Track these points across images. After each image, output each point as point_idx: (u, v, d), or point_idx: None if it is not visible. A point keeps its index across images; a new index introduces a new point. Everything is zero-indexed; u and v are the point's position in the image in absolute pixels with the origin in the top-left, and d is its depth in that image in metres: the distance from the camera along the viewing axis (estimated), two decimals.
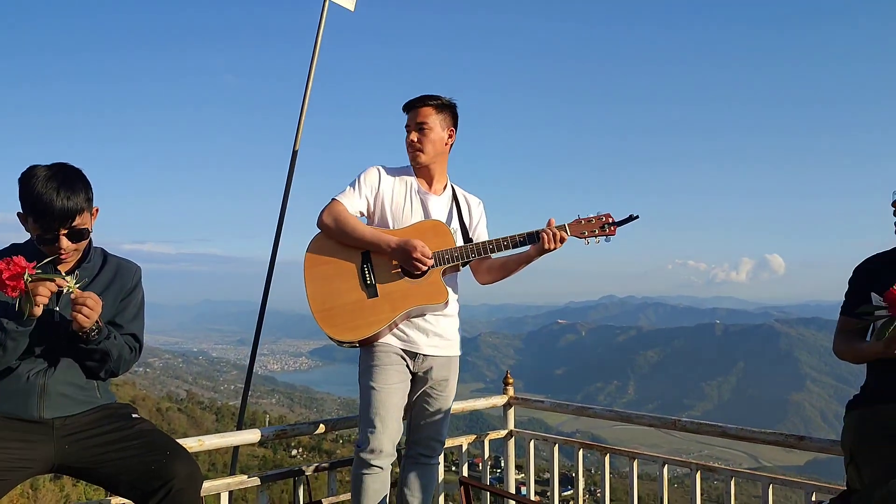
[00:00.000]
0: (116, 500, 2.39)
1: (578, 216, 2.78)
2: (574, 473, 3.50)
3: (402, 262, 2.70)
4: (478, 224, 3.00)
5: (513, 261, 2.86)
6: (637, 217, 2.79)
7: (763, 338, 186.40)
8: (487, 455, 3.64)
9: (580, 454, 3.46)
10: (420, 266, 2.67)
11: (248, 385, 3.96)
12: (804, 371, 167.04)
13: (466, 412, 3.58)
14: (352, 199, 2.78)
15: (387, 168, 2.89)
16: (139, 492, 2.06)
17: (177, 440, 2.29)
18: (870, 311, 2.06)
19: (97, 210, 2.17)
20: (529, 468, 3.66)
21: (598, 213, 2.78)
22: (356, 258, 2.75)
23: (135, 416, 2.26)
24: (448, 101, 2.88)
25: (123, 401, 2.39)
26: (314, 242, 2.79)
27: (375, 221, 2.84)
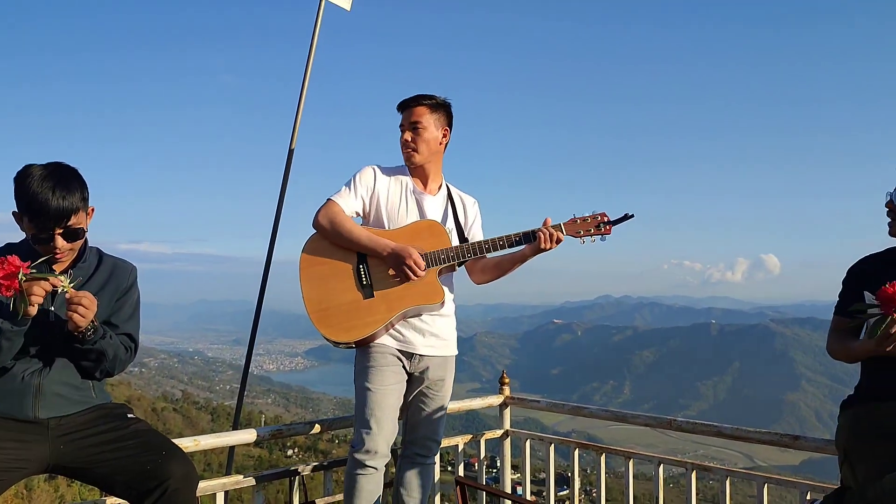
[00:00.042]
0: (112, 501, 2.38)
1: (574, 215, 2.78)
2: (570, 473, 3.51)
3: (395, 268, 2.68)
4: (473, 223, 2.99)
5: (507, 260, 2.86)
6: (632, 216, 2.79)
7: (758, 338, 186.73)
8: (483, 455, 3.65)
9: (576, 454, 3.46)
10: (411, 275, 2.65)
11: (244, 385, 3.96)
12: (799, 371, 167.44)
13: (462, 412, 3.58)
14: (347, 200, 2.77)
15: (382, 168, 2.88)
16: (135, 492, 2.06)
17: (172, 440, 2.28)
18: (862, 310, 2.07)
19: (93, 210, 2.16)
20: (525, 468, 3.66)
21: (594, 213, 2.78)
22: (352, 259, 2.74)
23: (130, 416, 2.26)
24: (442, 101, 2.87)
25: (119, 401, 2.38)
26: (310, 243, 2.78)
27: (371, 221, 2.83)
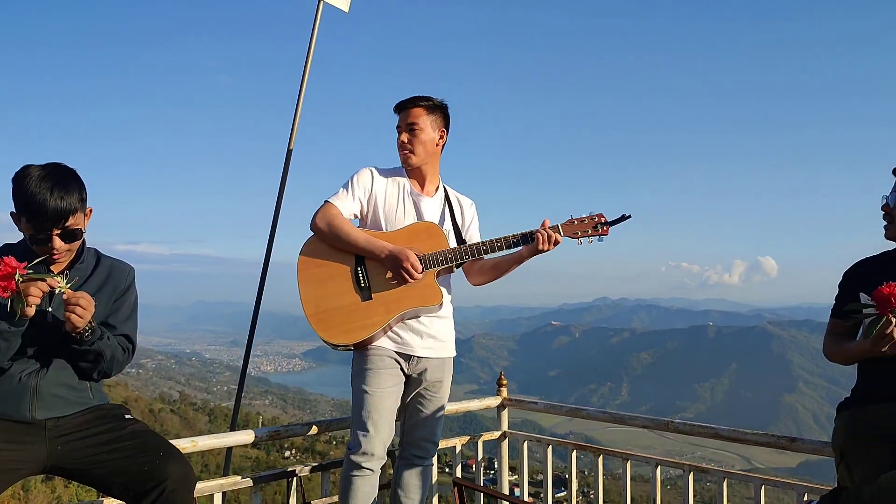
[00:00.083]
0: (109, 502, 2.38)
1: (571, 216, 2.78)
2: (567, 475, 3.51)
3: (392, 271, 2.67)
4: (470, 225, 2.99)
5: (505, 261, 2.86)
6: (630, 217, 2.78)
7: (756, 340, 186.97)
8: (481, 456, 3.65)
9: (574, 455, 3.46)
10: (408, 277, 2.64)
11: (242, 386, 3.95)
12: (796, 373, 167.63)
13: (460, 413, 3.58)
14: (345, 202, 2.76)
15: (379, 169, 2.88)
16: (132, 493, 2.06)
17: (170, 441, 2.28)
18: (858, 310, 2.07)
19: (91, 211, 2.16)
20: (523, 469, 3.66)
21: (591, 213, 2.77)
22: (350, 261, 2.73)
23: (128, 417, 2.25)
24: (439, 102, 2.87)
25: (116, 402, 2.38)
26: (307, 245, 2.77)
27: (368, 223, 2.82)
